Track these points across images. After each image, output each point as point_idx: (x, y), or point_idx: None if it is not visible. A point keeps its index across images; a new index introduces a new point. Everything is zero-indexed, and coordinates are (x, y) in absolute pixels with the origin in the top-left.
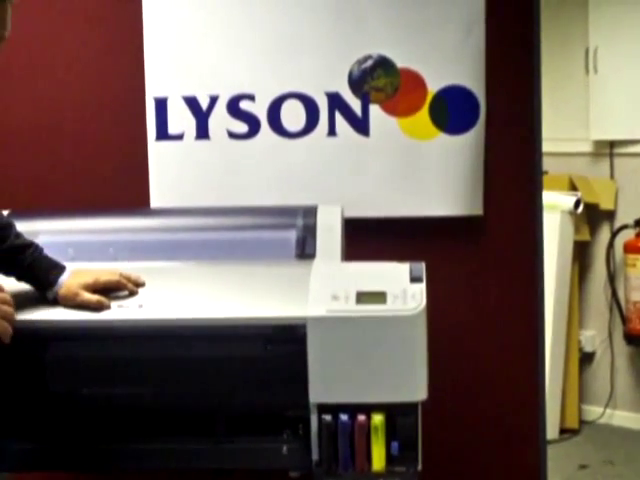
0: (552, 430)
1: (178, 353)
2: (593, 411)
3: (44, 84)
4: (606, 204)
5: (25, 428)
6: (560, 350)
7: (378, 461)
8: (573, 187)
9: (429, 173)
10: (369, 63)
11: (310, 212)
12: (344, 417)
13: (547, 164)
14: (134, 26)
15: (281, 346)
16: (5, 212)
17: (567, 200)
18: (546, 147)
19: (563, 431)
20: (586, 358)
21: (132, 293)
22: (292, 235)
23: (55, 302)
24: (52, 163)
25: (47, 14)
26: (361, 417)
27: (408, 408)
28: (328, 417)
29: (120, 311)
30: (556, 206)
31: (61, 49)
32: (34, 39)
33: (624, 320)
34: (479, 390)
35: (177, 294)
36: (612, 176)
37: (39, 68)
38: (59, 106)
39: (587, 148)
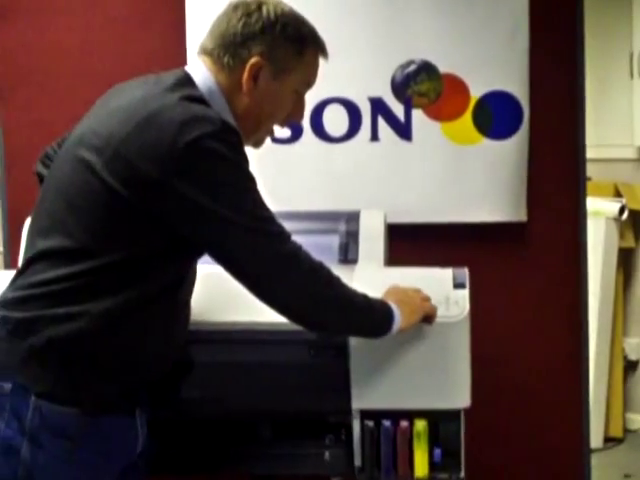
0: (596, 439)
1: (221, 358)
2: (637, 420)
3: (88, 92)
4: None
5: None
6: (604, 358)
7: (420, 467)
8: (618, 193)
9: (472, 178)
10: (412, 68)
11: (353, 217)
12: (387, 423)
13: (591, 170)
14: (178, 33)
15: (324, 352)
16: None
17: (611, 206)
18: (590, 153)
19: (607, 440)
20: (630, 366)
21: None
22: (335, 240)
23: None
24: None
25: (93, 22)
26: (404, 423)
27: (451, 415)
28: (371, 423)
29: None
30: (600, 212)
31: (106, 56)
32: (79, 47)
33: None
34: (522, 398)
35: (220, 298)
36: None
37: (84, 76)
38: None
39: (631, 154)
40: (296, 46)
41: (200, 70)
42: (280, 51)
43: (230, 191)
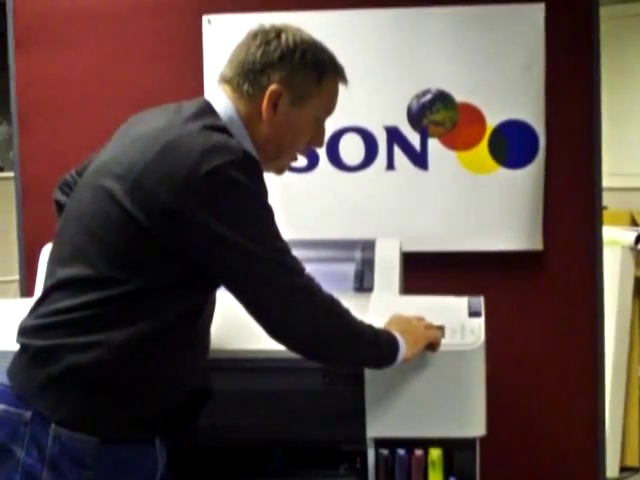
0: (612, 468)
1: (235, 386)
2: None
3: (105, 122)
4: None
5: None
6: (620, 386)
7: None
8: (634, 222)
9: (488, 207)
10: (428, 97)
11: (369, 245)
12: (401, 452)
13: (607, 199)
14: (195, 62)
15: (339, 380)
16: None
17: (628, 235)
18: (606, 182)
19: (623, 469)
20: None
21: None
22: (351, 268)
23: None
24: None
25: (109, 52)
26: (418, 452)
27: (466, 443)
28: (385, 452)
29: None
30: (616, 241)
31: (123, 86)
32: (96, 77)
33: None
34: (538, 426)
35: (233, 326)
36: None
37: (100, 106)
38: None
39: None
40: (315, 73)
41: (221, 99)
42: (299, 78)
43: (248, 221)
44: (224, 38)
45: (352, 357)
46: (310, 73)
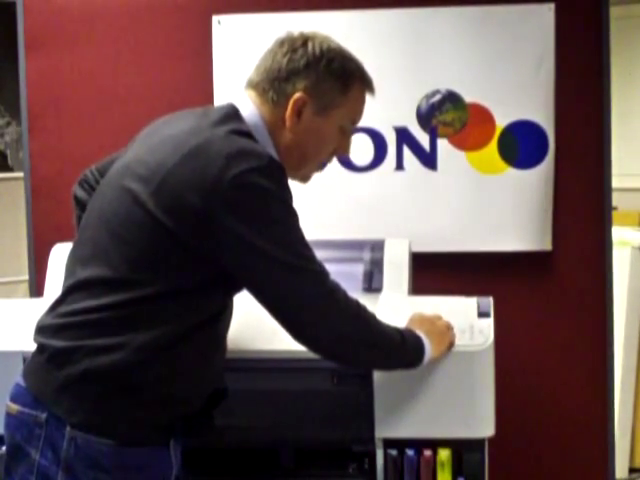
0: (621, 469)
1: (245, 385)
2: None
3: (116, 122)
4: None
5: None
6: (630, 387)
7: None
8: None
9: (497, 208)
10: (437, 98)
11: (378, 246)
12: (410, 452)
13: (617, 200)
14: (204, 61)
15: (348, 380)
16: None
17: (637, 236)
18: (616, 182)
19: (632, 470)
20: None
21: None
22: (359, 269)
23: None
24: None
25: (121, 52)
26: (427, 452)
27: (475, 444)
28: (394, 452)
29: None
30: (626, 242)
31: (134, 86)
32: (107, 77)
33: None
34: (547, 427)
35: (243, 326)
36: None
37: (111, 106)
38: (129, 139)
39: None
40: (341, 82)
41: (246, 104)
42: (325, 87)
43: (274, 226)
44: (234, 38)
45: (380, 361)
46: (336, 82)
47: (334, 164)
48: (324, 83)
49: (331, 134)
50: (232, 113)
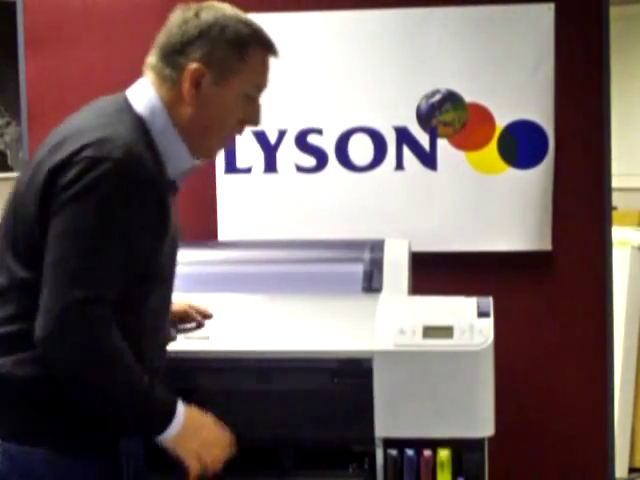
0: (621, 469)
1: (244, 385)
2: None
3: None
4: None
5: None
6: (630, 387)
7: None
8: None
9: (497, 207)
10: (437, 97)
11: (377, 246)
12: (410, 452)
13: (617, 199)
14: None
15: (347, 380)
16: None
17: (637, 236)
18: (615, 182)
19: (632, 470)
20: None
21: (199, 324)
22: (359, 269)
23: None
24: None
25: (122, 50)
26: (427, 452)
27: (474, 444)
28: (394, 452)
29: (187, 343)
30: (626, 242)
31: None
32: (107, 76)
33: None
34: (547, 427)
35: (244, 326)
36: None
37: None
38: None
39: None
40: (237, 48)
41: (142, 89)
42: (220, 54)
43: (88, 218)
44: None
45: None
46: (231, 48)
47: (334, 164)
48: (219, 50)
49: (234, 103)
50: (118, 104)
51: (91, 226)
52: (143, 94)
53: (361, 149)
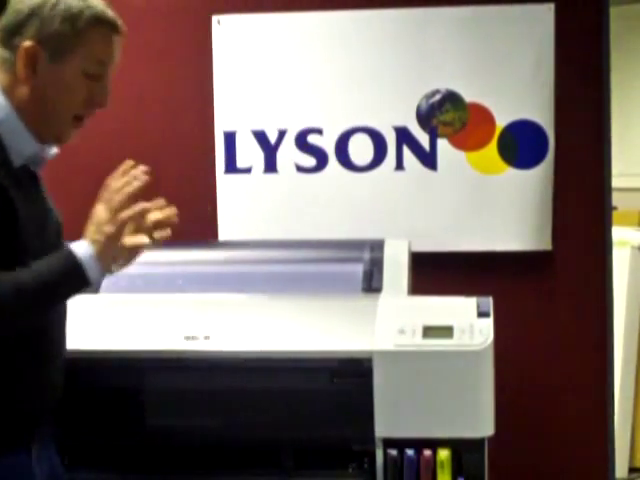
0: (621, 468)
1: (244, 385)
2: None
3: (114, 118)
4: None
5: (94, 458)
6: (629, 387)
7: None
8: None
9: (497, 208)
10: (437, 97)
11: (377, 246)
12: (410, 452)
13: (617, 199)
14: (204, 61)
15: (347, 380)
16: None
17: (637, 236)
18: (615, 182)
19: (632, 470)
20: None
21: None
22: (359, 269)
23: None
24: None
25: (121, 50)
26: (427, 452)
27: (474, 444)
28: (394, 452)
29: (186, 343)
30: (626, 242)
31: (133, 83)
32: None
33: None
34: (547, 427)
35: (244, 326)
36: None
37: (112, 102)
38: (129, 139)
39: None
40: (69, 23)
41: None
42: (52, 31)
43: None
44: (233, 38)
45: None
46: (63, 24)
47: (334, 164)
48: (51, 27)
49: (74, 81)
50: None
51: None
52: None
53: (361, 149)
